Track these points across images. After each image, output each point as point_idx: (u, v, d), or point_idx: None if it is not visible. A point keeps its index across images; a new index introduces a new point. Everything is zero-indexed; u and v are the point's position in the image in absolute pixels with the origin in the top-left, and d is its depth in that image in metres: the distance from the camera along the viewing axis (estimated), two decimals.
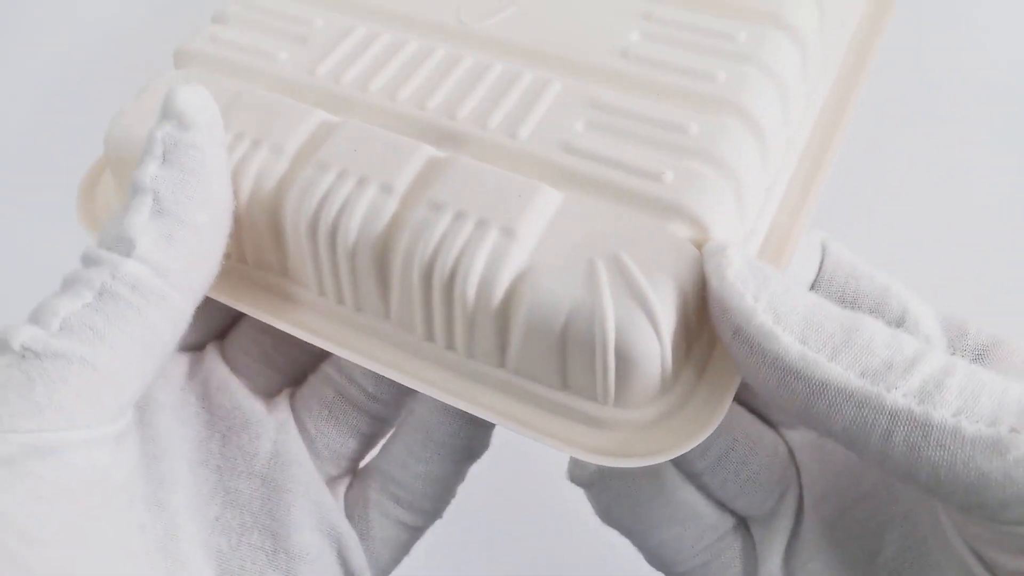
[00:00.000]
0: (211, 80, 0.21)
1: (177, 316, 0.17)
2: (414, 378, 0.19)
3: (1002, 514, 0.14)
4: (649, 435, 0.17)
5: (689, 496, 0.21)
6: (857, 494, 0.20)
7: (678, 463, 0.20)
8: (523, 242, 0.17)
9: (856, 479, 0.20)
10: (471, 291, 0.17)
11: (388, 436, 0.22)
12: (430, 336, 0.19)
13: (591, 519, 0.22)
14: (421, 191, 0.18)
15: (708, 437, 0.17)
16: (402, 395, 0.22)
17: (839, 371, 0.15)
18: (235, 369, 0.21)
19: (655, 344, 0.16)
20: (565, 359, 0.17)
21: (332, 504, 0.20)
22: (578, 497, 0.22)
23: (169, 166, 0.17)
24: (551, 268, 0.17)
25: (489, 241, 0.17)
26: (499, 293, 0.17)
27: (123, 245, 0.16)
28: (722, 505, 0.21)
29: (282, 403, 0.22)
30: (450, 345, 0.19)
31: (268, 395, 0.22)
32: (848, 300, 0.20)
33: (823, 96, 0.22)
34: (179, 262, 0.17)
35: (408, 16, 0.22)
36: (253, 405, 0.21)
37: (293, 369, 0.22)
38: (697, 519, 0.21)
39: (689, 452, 0.17)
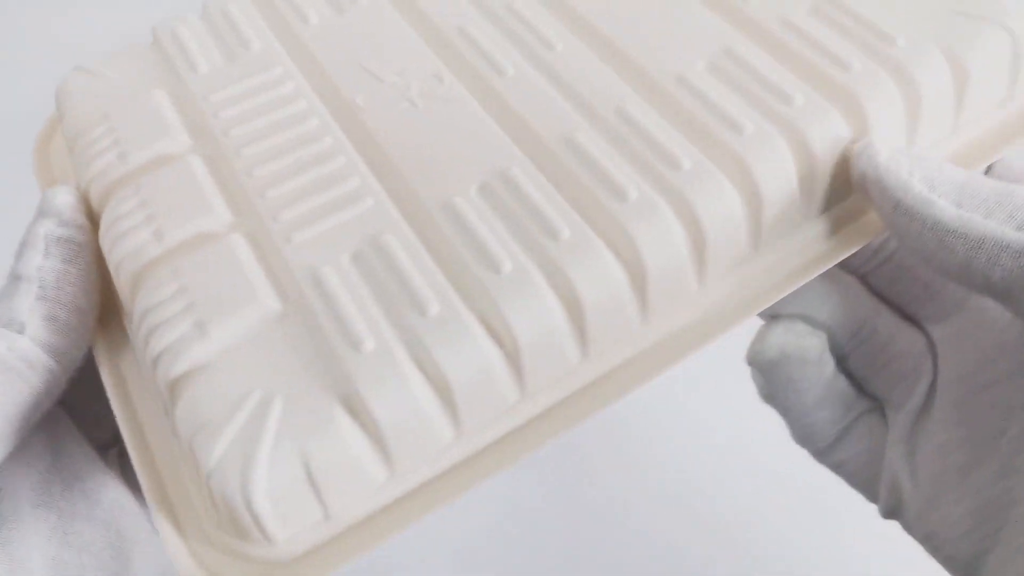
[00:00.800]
0: (140, 68, 0.23)
1: (57, 387, 0.20)
2: (120, 412, 0.20)
3: None
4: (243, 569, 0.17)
5: (842, 381, 0.23)
6: (990, 379, 0.21)
7: (831, 341, 0.23)
8: (211, 342, 0.18)
9: (990, 367, 0.21)
10: (152, 363, 0.18)
11: None
12: (145, 377, 0.20)
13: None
14: (183, 253, 0.19)
15: (855, 321, 0.22)
16: None
17: (995, 226, 0.17)
18: (75, 419, 0.23)
19: (239, 498, 0.16)
20: (193, 466, 0.17)
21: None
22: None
23: (50, 257, 0.20)
24: (220, 378, 0.17)
25: (181, 327, 0.18)
26: (171, 377, 0.18)
27: (15, 325, 0.19)
28: (860, 389, 0.24)
29: (113, 459, 0.23)
30: (156, 396, 0.19)
31: (101, 450, 0.23)
32: None
33: None
34: (63, 340, 0.20)
35: (324, 75, 0.22)
36: (96, 455, 0.22)
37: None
38: (843, 400, 0.23)
39: (840, 328, 0.22)
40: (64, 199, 0.21)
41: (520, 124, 0.20)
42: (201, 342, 0.18)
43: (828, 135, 0.19)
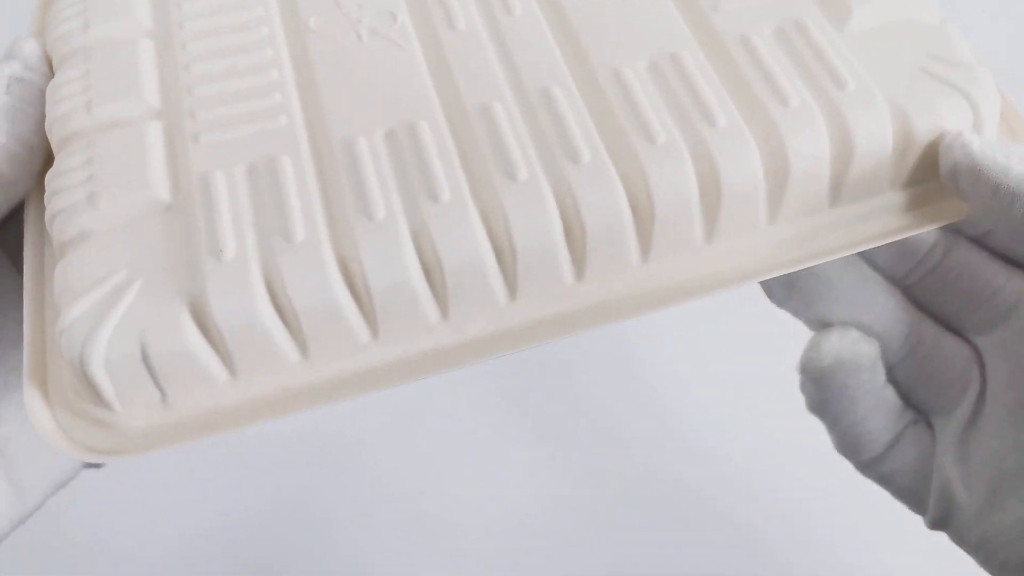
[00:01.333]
0: None
1: None
2: (29, 264, 0.21)
3: None
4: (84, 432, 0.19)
5: (890, 391, 0.23)
6: None
7: (881, 349, 0.23)
8: (98, 215, 0.19)
9: None
10: (49, 223, 0.20)
11: None
12: None
13: None
14: (104, 128, 0.20)
15: (904, 330, 0.22)
16: None
17: None
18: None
19: (78, 360, 0.18)
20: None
21: None
22: None
23: (10, 95, 0.22)
24: (96, 250, 0.18)
25: (77, 195, 0.19)
26: (61, 240, 0.19)
27: None
28: (905, 399, 0.24)
29: None
30: None
31: None
32: None
33: None
34: (9, 169, 0.21)
35: None
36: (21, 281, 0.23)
37: None
38: (890, 411, 0.23)
39: (891, 337, 0.22)
40: (32, 47, 0.23)
41: (448, 80, 0.21)
42: (89, 213, 0.19)
43: (740, 168, 0.19)
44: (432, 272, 0.19)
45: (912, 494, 0.24)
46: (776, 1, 0.21)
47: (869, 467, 0.24)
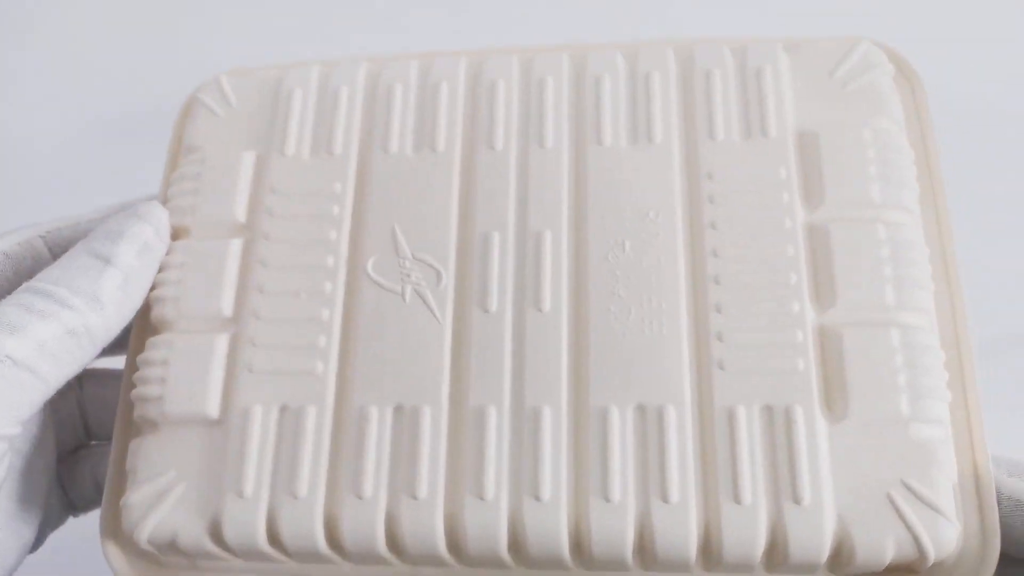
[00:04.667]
0: (254, 111, 0.27)
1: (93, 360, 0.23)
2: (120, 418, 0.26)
3: None
4: None
5: None
6: None
7: None
8: (164, 416, 0.24)
9: None
10: (132, 395, 0.25)
11: None
12: None
13: None
14: (184, 328, 0.25)
15: None
16: None
17: None
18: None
19: (132, 530, 0.23)
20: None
21: None
22: None
23: (140, 259, 0.24)
24: (156, 443, 0.24)
25: (151, 389, 0.24)
26: (140, 414, 0.24)
27: (94, 304, 0.23)
28: None
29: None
30: None
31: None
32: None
33: None
34: (119, 325, 0.24)
35: (362, 220, 0.25)
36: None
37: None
38: None
39: None
40: (164, 216, 0.25)
41: (464, 368, 0.23)
42: (158, 410, 0.24)
43: (673, 541, 0.21)
44: (395, 545, 0.22)
45: None
46: (780, 374, 0.22)
47: None
